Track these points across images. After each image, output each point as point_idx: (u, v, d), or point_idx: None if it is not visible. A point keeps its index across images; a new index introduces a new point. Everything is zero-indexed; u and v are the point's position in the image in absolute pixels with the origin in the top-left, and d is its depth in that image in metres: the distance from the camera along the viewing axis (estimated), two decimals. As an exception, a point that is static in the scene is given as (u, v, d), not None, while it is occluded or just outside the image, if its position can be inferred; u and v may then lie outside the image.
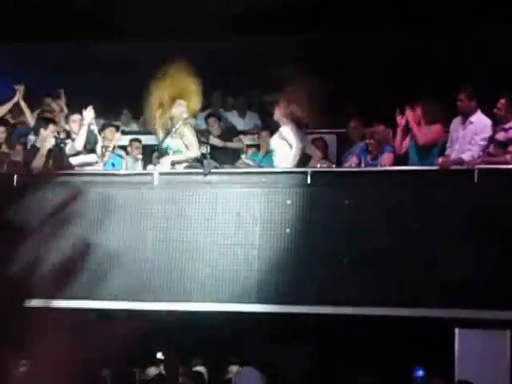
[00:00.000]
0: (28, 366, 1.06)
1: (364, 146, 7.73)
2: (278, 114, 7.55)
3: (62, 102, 9.11)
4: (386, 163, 7.26)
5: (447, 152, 7.06)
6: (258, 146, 8.83)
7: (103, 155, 7.99)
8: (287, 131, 7.41)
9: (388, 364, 6.51)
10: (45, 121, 7.83)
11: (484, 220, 6.39)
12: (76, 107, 8.39)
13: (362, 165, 7.49)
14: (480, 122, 6.92)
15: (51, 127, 7.54)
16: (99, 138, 8.06)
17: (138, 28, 9.56)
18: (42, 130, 7.58)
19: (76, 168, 7.62)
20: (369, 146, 7.59)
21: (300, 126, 7.50)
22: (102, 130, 8.49)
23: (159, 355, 7.44)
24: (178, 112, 7.38)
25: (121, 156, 8.43)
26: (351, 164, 7.63)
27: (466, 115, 6.99)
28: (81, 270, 1.00)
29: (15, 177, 7.36)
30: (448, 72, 8.64)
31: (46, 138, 7.43)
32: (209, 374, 6.73)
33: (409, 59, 9.51)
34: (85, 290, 7.06)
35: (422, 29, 9.35)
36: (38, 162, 7.32)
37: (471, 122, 6.94)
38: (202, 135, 7.79)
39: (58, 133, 7.60)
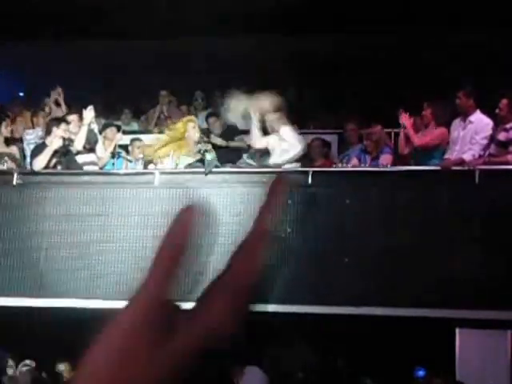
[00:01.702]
0: None
1: (363, 147, 7.73)
2: (271, 117, 7.54)
3: (61, 98, 9.11)
4: (384, 164, 7.26)
5: (447, 153, 7.07)
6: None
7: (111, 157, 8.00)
8: (287, 133, 7.41)
9: (389, 364, 6.52)
10: (58, 121, 7.83)
11: (484, 220, 6.39)
12: (76, 107, 8.40)
13: (362, 165, 7.49)
14: (480, 121, 6.93)
15: (63, 126, 7.53)
16: (99, 137, 8.05)
17: (138, 28, 9.56)
18: (54, 129, 7.56)
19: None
20: (367, 147, 7.59)
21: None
22: (102, 129, 8.49)
23: None
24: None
25: (121, 155, 8.43)
26: (352, 165, 7.63)
27: (466, 115, 6.99)
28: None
29: (15, 175, 7.39)
30: (449, 73, 8.64)
31: (55, 138, 7.46)
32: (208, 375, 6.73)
33: (409, 60, 9.51)
34: (85, 288, 7.06)
35: (423, 29, 9.35)
36: (42, 160, 7.34)
37: (471, 122, 6.95)
38: (203, 135, 7.80)
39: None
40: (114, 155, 8.02)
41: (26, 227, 7.14)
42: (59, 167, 7.45)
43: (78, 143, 7.51)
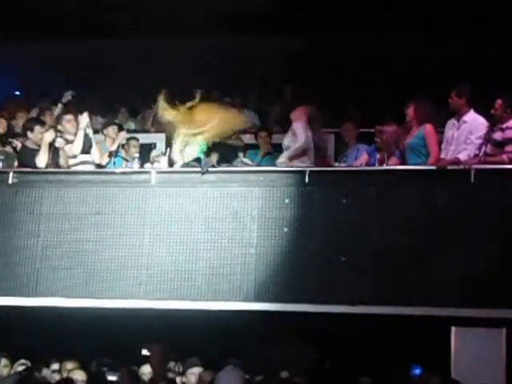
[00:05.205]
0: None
1: (374, 145, 7.73)
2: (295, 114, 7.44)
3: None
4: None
5: (442, 153, 7.09)
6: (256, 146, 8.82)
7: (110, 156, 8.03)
8: (298, 127, 7.33)
9: (385, 362, 6.54)
10: (33, 122, 7.89)
11: (481, 220, 6.42)
12: (73, 106, 8.41)
13: (371, 161, 7.49)
14: (474, 120, 6.96)
15: (38, 128, 7.59)
16: (93, 140, 8.03)
17: (137, 27, 9.58)
18: (29, 133, 7.64)
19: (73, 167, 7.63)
20: (377, 144, 7.55)
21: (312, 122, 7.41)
22: (104, 127, 8.49)
23: (145, 352, 7.43)
24: None
25: (120, 155, 8.43)
26: (362, 160, 7.63)
27: (459, 115, 7.02)
28: None
29: (10, 174, 7.38)
30: (447, 73, 8.67)
31: (41, 135, 7.48)
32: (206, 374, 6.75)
33: (407, 60, 9.54)
34: (83, 289, 7.05)
35: (421, 30, 9.39)
36: (42, 158, 7.36)
37: (465, 122, 6.98)
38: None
39: (56, 131, 7.62)
40: (111, 154, 8.04)
41: (22, 226, 7.14)
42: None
43: (76, 148, 7.56)
